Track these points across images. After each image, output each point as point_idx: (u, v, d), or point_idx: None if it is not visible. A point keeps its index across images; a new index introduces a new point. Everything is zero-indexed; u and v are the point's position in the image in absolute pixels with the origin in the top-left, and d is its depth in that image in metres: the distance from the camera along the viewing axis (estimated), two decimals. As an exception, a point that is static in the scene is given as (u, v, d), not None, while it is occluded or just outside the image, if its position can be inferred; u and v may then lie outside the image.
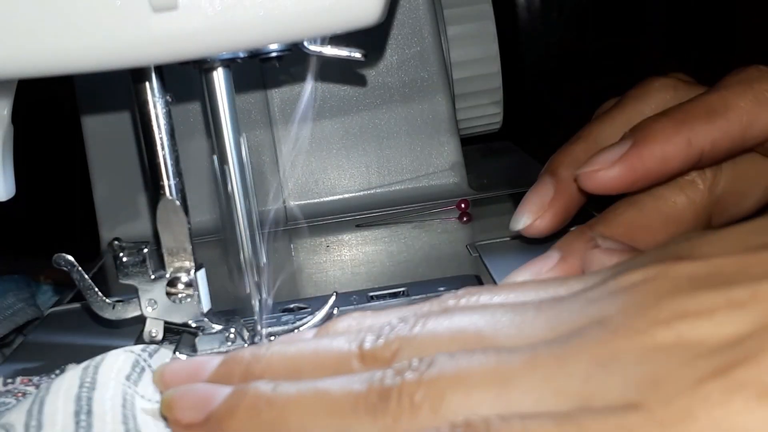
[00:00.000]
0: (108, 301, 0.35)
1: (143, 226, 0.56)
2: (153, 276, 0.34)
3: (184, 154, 0.35)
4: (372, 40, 0.57)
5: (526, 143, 0.74)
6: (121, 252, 0.34)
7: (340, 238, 0.53)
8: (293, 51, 0.34)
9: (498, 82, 0.65)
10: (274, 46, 0.33)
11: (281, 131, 0.57)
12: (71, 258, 0.35)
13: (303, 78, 0.36)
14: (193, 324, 0.34)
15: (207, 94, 0.34)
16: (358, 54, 0.36)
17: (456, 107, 0.62)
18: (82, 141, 0.57)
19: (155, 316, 0.35)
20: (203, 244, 0.53)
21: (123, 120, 0.56)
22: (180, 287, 0.34)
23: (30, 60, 0.29)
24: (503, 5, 0.68)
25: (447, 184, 0.58)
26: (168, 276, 0.34)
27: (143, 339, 0.35)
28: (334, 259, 0.49)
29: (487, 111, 0.66)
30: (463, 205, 0.55)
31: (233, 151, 0.34)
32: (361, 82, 0.57)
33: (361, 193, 0.58)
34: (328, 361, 0.27)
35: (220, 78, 0.33)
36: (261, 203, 0.54)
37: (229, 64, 0.33)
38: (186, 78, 0.36)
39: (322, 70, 0.56)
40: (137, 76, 0.33)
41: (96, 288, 0.35)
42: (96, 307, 0.35)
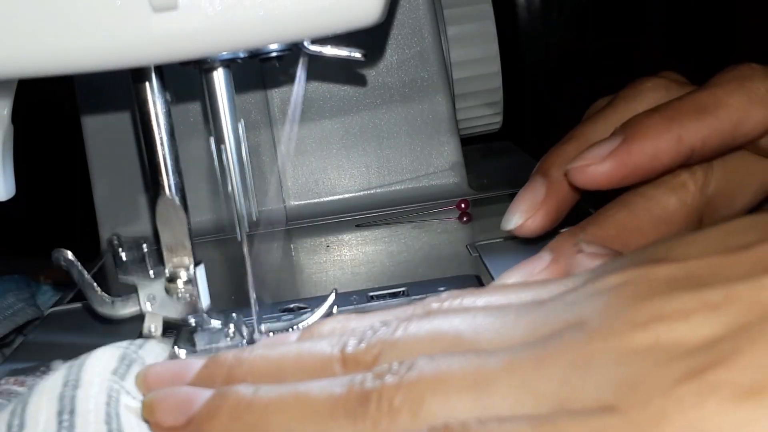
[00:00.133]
0: (107, 298, 0.35)
1: (143, 226, 0.56)
2: (152, 273, 0.34)
3: (184, 154, 0.35)
4: (372, 40, 0.57)
5: (526, 143, 0.74)
6: (121, 249, 0.34)
7: (340, 238, 0.53)
8: (293, 51, 0.34)
9: (498, 82, 0.65)
10: (274, 46, 0.33)
11: (281, 131, 0.57)
12: (71, 255, 0.35)
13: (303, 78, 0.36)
14: (192, 321, 0.34)
15: (207, 94, 0.34)
16: (358, 54, 0.36)
17: (456, 107, 0.62)
18: (82, 141, 0.57)
19: (154, 312, 0.35)
20: (203, 244, 0.53)
21: (123, 120, 0.56)
22: (179, 284, 0.34)
23: (30, 60, 0.29)
24: (503, 5, 0.68)
25: (447, 184, 0.58)
26: (167, 273, 0.34)
27: (143, 336, 0.35)
28: (334, 259, 0.49)
29: (487, 111, 0.67)
30: (463, 205, 0.55)
31: (233, 151, 0.34)
32: (361, 82, 0.57)
33: (361, 193, 0.58)
34: (310, 365, 0.27)
35: (220, 78, 0.33)
36: (261, 203, 0.54)
37: (229, 64, 0.33)
38: (186, 78, 0.36)
39: (322, 70, 0.56)
40: (137, 76, 0.33)
41: (95, 284, 0.35)
42: (95, 304, 0.35)
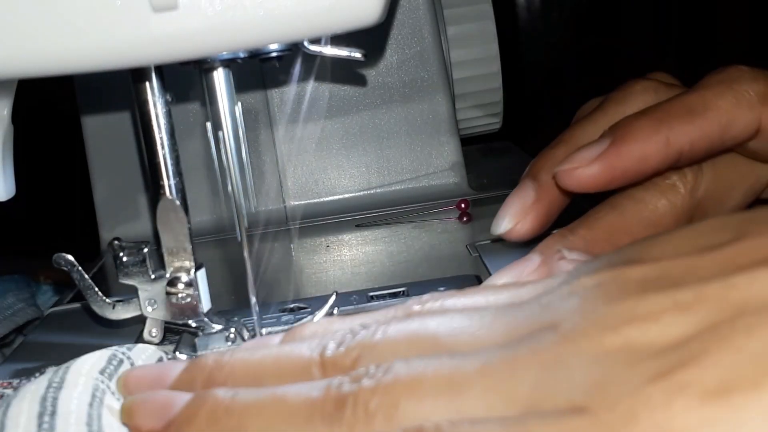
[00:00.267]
0: (108, 301, 0.35)
1: (143, 226, 0.56)
2: (153, 276, 0.34)
3: (184, 154, 0.35)
4: (372, 40, 0.57)
5: (526, 143, 0.74)
6: (121, 252, 0.34)
7: (340, 238, 0.53)
8: (293, 51, 0.34)
9: (498, 82, 0.65)
10: (274, 46, 0.33)
11: (281, 131, 0.57)
12: (71, 258, 0.35)
13: (303, 78, 0.36)
14: (193, 324, 0.34)
15: (207, 94, 0.34)
16: (358, 54, 0.36)
17: (456, 107, 0.62)
18: (82, 141, 0.57)
19: (155, 315, 0.35)
20: (203, 244, 0.53)
21: (123, 120, 0.56)
22: (180, 287, 0.34)
23: (30, 60, 0.29)
24: (503, 5, 0.68)
25: (447, 184, 0.58)
26: (168, 276, 0.34)
27: (143, 339, 0.35)
28: (334, 259, 0.49)
29: (487, 111, 0.66)
30: (463, 205, 0.55)
31: (233, 151, 0.34)
32: (361, 82, 0.57)
33: (361, 193, 0.58)
34: (289, 368, 0.27)
35: (220, 78, 0.33)
36: (261, 203, 0.54)
37: (229, 64, 0.33)
38: (186, 78, 0.36)
39: (322, 70, 0.56)
40: (137, 76, 0.33)
41: (96, 288, 0.35)
42: (96, 307, 0.35)
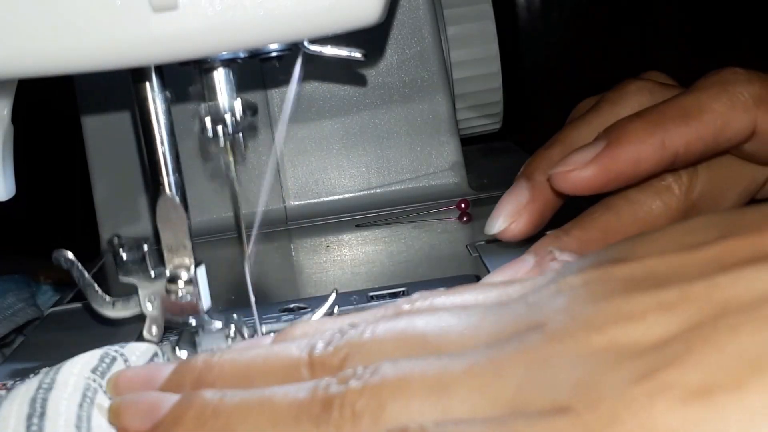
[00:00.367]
0: (108, 299, 0.35)
1: (143, 226, 0.56)
2: (153, 273, 0.34)
3: (184, 154, 0.35)
4: (372, 40, 0.57)
5: (526, 143, 0.74)
6: (121, 249, 0.34)
7: (340, 238, 0.53)
8: (293, 51, 0.34)
9: (498, 82, 0.65)
10: (274, 46, 0.33)
11: (282, 131, 0.57)
12: (71, 255, 0.35)
13: (303, 78, 0.36)
14: (193, 321, 0.34)
15: (207, 94, 0.34)
16: (358, 54, 0.36)
17: (456, 107, 0.62)
18: (82, 141, 0.57)
19: (155, 313, 0.35)
20: (203, 244, 0.53)
21: (123, 120, 0.56)
22: (180, 285, 0.34)
23: (30, 60, 0.29)
24: (503, 5, 0.68)
25: (447, 184, 0.58)
26: (168, 273, 0.34)
27: (143, 337, 0.35)
28: (334, 259, 0.49)
29: (487, 111, 0.67)
30: (463, 205, 0.55)
31: (233, 152, 0.34)
32: (361, 82, 0.57)
33: (361, 193, 0.58)
34: (278, 369, 0.26)
35: (220, 78, 0.33)
36: (261, 203, 0.54)
37: (229, 64, 0.33)
38: (186, 78, 0.36)
39: (322, 70, 0.56)
40: (137, 76, 0.33)
41: (96, 285, 0.35)
42: (96, 305, 0.35)
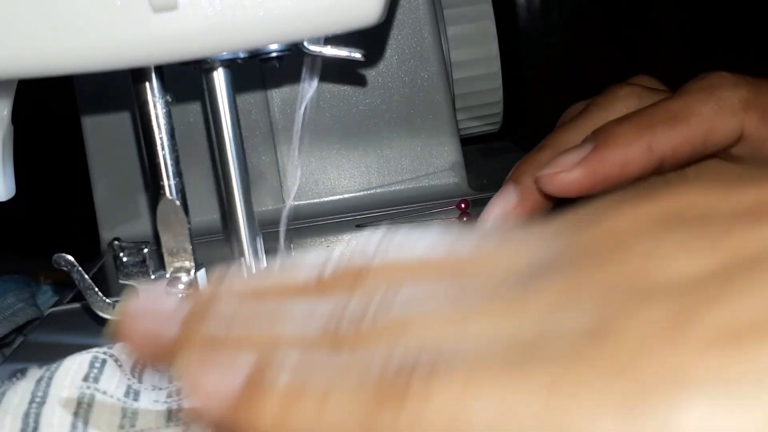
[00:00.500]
0: (108, 301, 0.35)
1: (143, 226, 0.56)
2: (153, 276, 0.34)
3: (184, 154, 0.35)
4: (372, 40, 0.57)
5: (526, 143, 0.74)
6: (121, 252, 0.34)
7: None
8: (293, 51, 0.34)
9: (498, 82, 0.65)
10: (274, 46, 0.33)
11: (281, 131, 0.57)
12: (71, 258, 0.35)
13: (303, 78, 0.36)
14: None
15: (207, 94, 0.34)
16: (358, 54, 0.36)
17: (456, 107, 0.62)
18: (82, 141, 0.57)
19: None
20: (203, 244, 0.53)
21: (123, 120, 0.56)
22: (180, 287, 0.34)
23: (30, 60, 0.29)
24: (503, 5, 0.68)
25: (447, 184, 0.58)
26: (168, 276, 0.34)
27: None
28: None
29: (487, 111, 0.66)
30: (463, 205, 0.55)
31: (233, 151, 0.34)
32: (361, 82, 0.57)
33: (361, 193, 0.58)
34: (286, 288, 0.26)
35: (220, 78, 0.33)
36: (261, 203, 0.54)
37: (229, 64, 0.33)
38: (186, 78, 0.36)
39: (322, 70, 0.56)
40: (137, 76, 0.33)
41: (96, 288, 0.35)
42: (96, 307, 0.35)
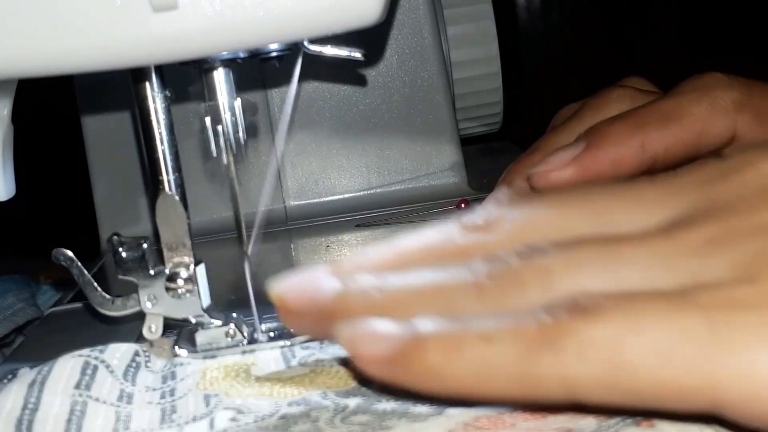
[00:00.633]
0: (108, 297, 0.35)
1: (143, 226, 0.56)
2: (152, 271, 0.34)
3: (184, 153, 0.35)
4: (372, 40, 0.57)
5: (526, 143, 0.74)
6: (121, 247, 0.34)
7: (340, 238, 0.53)
8: (293, 51, 0.34)
9: (498, 82, 0.65)
10: (274, 46, 0.33)
11: (282, 131, 0.57)
12: (70, 253, 0.35)
13: (303, 78, 0.36)
14: (193, 319, 0.34)
15: (207, 94, 0.34)
16: (358, 54, 0.36)
17: (456, 107, 0.62)
18: (82, 141, 0.57)
19: (155, 311, 0.35)
20: (203, 244, 0.53)
21: (123, 120, 0.56)
22: (179, 283, 0.34)
23: (30, 60, 0.29)
24: (503, 5, 0.68)
25: (447, 184, 0.58)
26: (167, 271, 0.34)
27: (143, 336, 0.35)
28: (334, 259, 0.49)
29: (487, 111, 0.66)
30: (463, 205, 0.55)
31: (233, 151, 0.34)
32: (361, 82, 0.57)
33: (361, 193, 0.58)
34: (430, 243, 0.27)
35: (220, 78, 0.33)
36: (261, 203, 0.54)
37: (229, 64, 0.33)
38: (186, 77, 0.36)
39: (322, 70, 0.56)
40: (137, 75, 0.33)
41: (95, 283, 0.35)
42: (95, 303, 0.35)
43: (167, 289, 0.34)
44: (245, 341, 0.34)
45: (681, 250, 0.22)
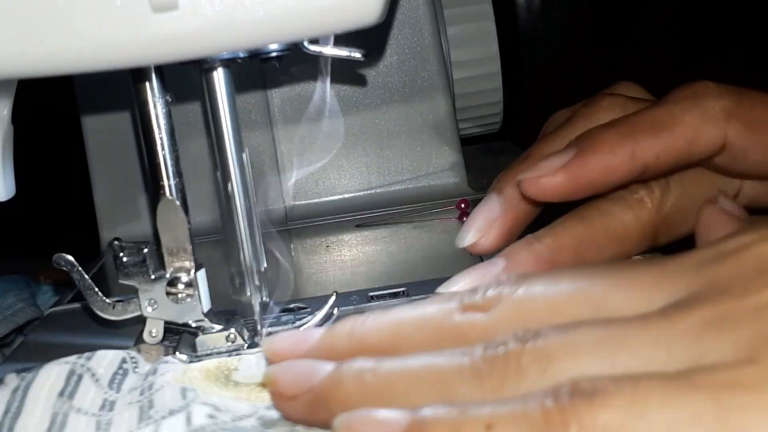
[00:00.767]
0: (108, 301, 0.35)
1: (143, 226, 0.56)
2: (153, 276, 0.34)
3: (184, 154, 0.35)
4: (372, 40, 0.57)
5: (526, 143, 0.74)
6: (121, 252, 0.34)
7: (340, 238, 0.53)
8: (293, 51, 0.34)
9: (498, 82, 0.65)
10: (274, 46, 0.33)
11: (281, 131, 0.57)
12: (71, 258, 0.35)
13: (303, 78, 0.36)
14: (193, 324, 0.34)
15: (207, 94, 0.34)
16: (358, 54, 0.36)
17: (456, 107, 0.62)
18: (82, 141, 0.57)
19: (155, 316, 0.35)
20: (203, 244, 0.53)
21: (123, 120, 0.56)
22: (180, 287, 0.34)
23: (30, 60, 0.29)
24: (503, 5, 0.68)
25: (447, 184, 0.58)
26: (168, 276, 0.34)
27: (143, 339, 0.35)
28: (334, 259, 0.49)
29: (487, 111, 0.66)
30: (463, 205, 0.55)
31: (233, 152, 0.34)
32: (361, 82, 0.57)
33: (361, 193, 0.58)
34: (427, 319, 0.27)
35: (220, 78, 0.33)
36: (261, 203, 0.54)
37: (229, 64, 0.33)
38: (186, 78, 0.36)
39: (321, 70, 0.56)
40: (137, 76, 0.33)
41: (96, 288, 0.35)
42: (96, 307, 0.35)
43: (168, 294, 0.34)
44: (245, 346, 0.34)
45: (681, 332, 0.22)
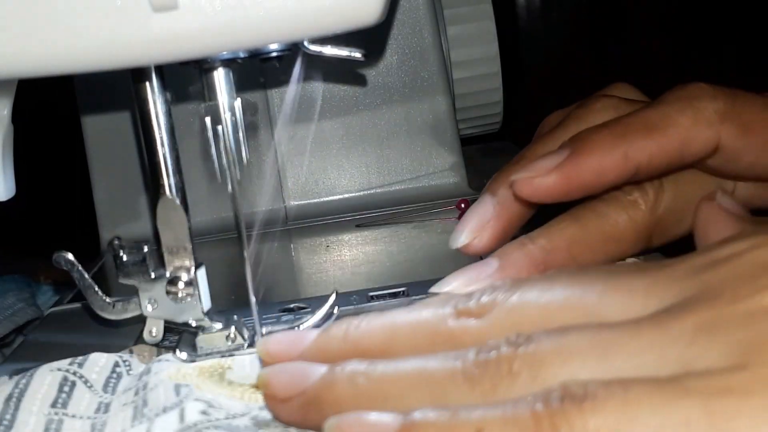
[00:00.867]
0: (108, 301, 0.35)
1: (143, 226, 0.56)
2: (153, 275, 0.34)
3: (184, 154, 0.35)
4: (372, 40, 0.57)
5: (526, 143, 0.74)
6: (121, 251, 0.34)
7: (340, 238, 0.53)
8: (293, 51, 0.34)
9: (498, 82, 0.65)
10: (274, 46, 0.33)
11: (281, 131, 0.57)
12: (71, 257, 0.35)
13: (303, 78, 0.36)
14: (193, 323, 0.34)
15: (207, 94, 0.34)
16: (358, 54, 0.36)
17: (456, 107, 0.62)
18: (82, 141, 0.57)
19: (155, 315, 0.35)
20: (203, 244, 0.53)
21: (123, 120, 0.56)
22: (180, 286, 0.34)
23: (30, 60, 0.29)
24: (503, 5, 0.68)
25: (447, 184, 0.58)
26: (168, 275, 0.34)
27: (143, 339, 0.35)
28: (334, 259, 0.49)
29: (487, 111, 0.66)
30: (463, 205, 0.55)
31: (233, 152, 0.34)
32: (361, 82, 0.57)
33: (361, 193, 0.58)
34: (421, 323, 0.27)
35: (220, 78, 0.33)
36: (261, 203, 0.54)
37: (229, 64, 0.33)
38: (186, 78, 0.36)
39: (322, 70, 0.56)
40: (137, 76, 0.33)
41: (96, 287, 0.35)
42: (96, 307, 0.35)
43: (168, 293, 0.34)
44: (246, 345, 0.34)
45: (673, 338, 0.22)
